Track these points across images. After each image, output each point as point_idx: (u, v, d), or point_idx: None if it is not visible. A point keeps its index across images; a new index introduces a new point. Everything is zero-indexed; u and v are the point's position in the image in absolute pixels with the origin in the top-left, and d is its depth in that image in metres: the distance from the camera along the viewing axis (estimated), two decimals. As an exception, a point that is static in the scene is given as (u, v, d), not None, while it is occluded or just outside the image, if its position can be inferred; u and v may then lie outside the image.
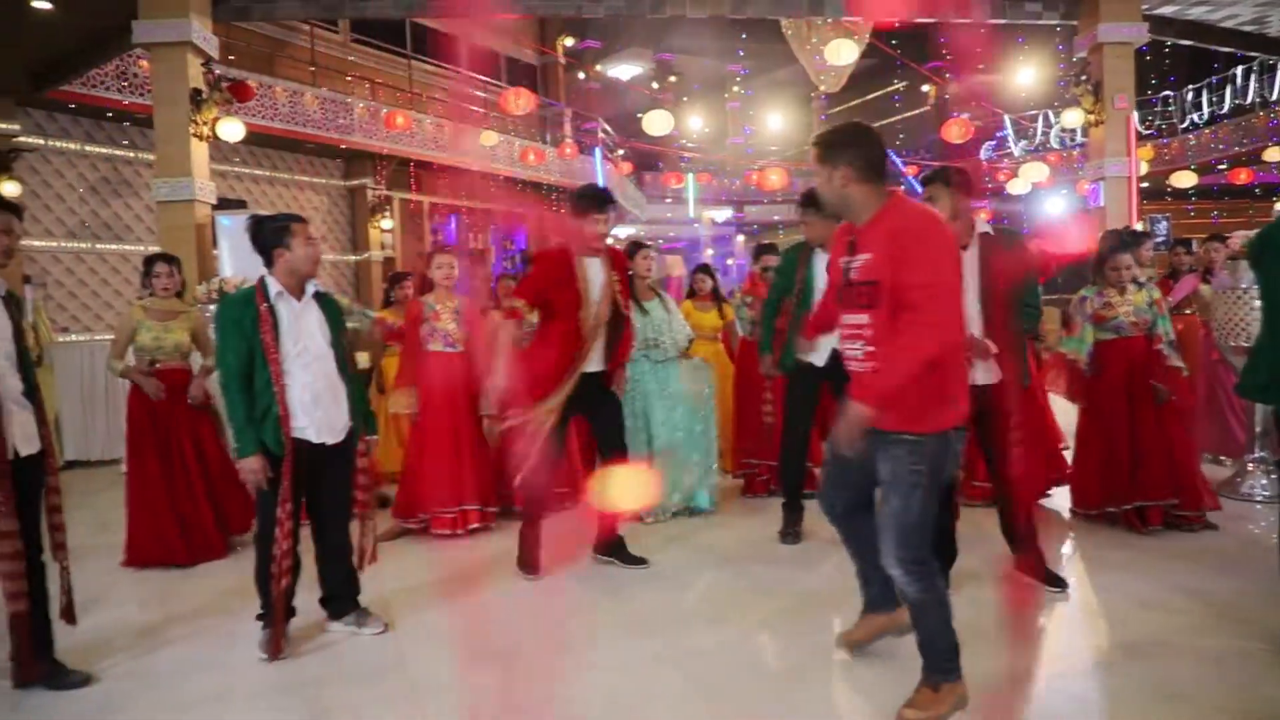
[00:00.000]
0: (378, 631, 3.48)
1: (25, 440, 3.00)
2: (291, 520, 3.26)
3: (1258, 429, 5.28)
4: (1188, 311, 5.97)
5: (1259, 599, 3.53)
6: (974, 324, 3.42)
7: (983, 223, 3.54)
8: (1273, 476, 5.19)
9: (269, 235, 3.35)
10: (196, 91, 7.02)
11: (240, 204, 13.01)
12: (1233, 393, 5.29)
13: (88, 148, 11.56)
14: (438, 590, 4.01)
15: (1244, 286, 5.18)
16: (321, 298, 3.47)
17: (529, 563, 4.12)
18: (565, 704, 2.87)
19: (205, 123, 7.11)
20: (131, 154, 12.07)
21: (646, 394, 5.09)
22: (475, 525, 4.88)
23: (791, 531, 4.56)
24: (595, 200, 4.05)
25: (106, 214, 11.85)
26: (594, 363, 4.11)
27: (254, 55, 13.73)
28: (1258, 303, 5.08)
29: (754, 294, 5.61)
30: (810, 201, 4.28)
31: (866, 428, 2.50)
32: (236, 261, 7.11)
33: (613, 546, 4.25)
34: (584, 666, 3.15)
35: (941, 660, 2.64)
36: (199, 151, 7.11)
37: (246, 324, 3.23)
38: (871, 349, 2.56)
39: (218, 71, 7.54)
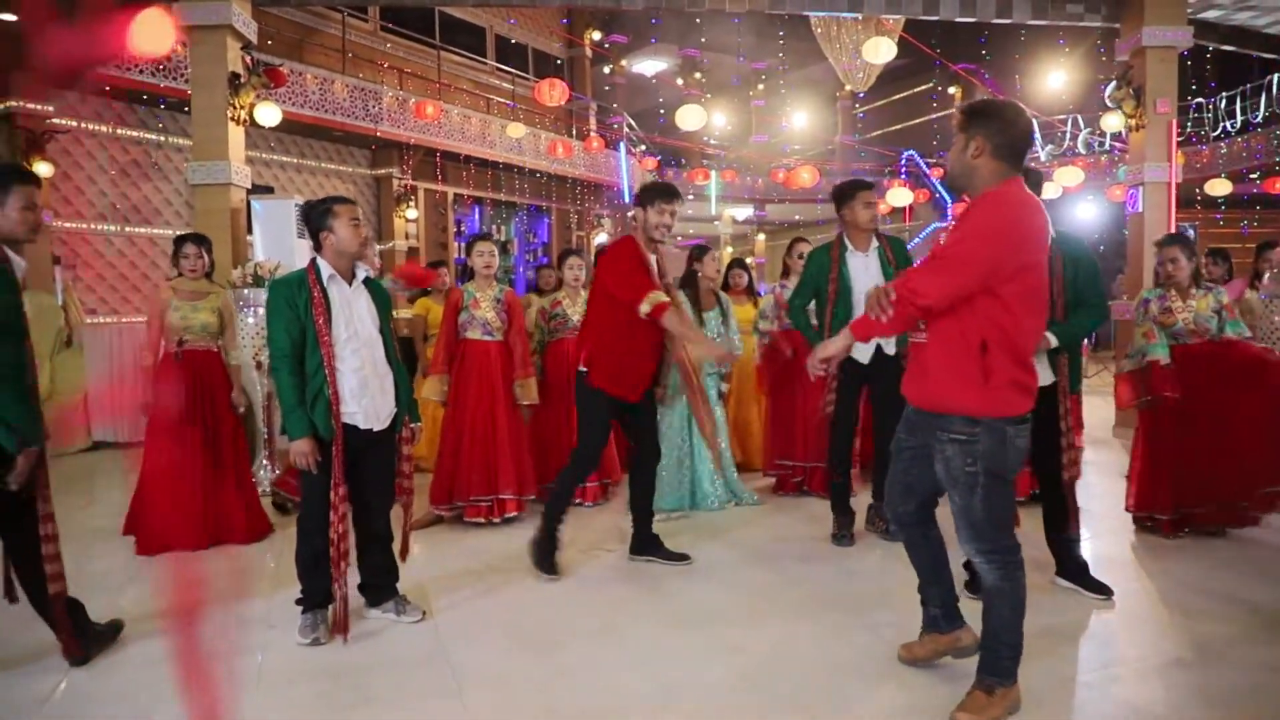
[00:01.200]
0: (415, 620, 3.47)
1: None
2: (345, 504, 3.26)
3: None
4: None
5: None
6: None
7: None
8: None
9: (314, 218, 3.35)
10: (235, 75, 7.03)
11: (268, 190, 13.06)
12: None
13: (120, 130, 11.61)
14: (474, 579, 4.00)
15: (1291, 296, 5.13)
16: (370, 283, 3.47)
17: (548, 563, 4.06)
18: (615, 694, 2.85)
19: (243, 107, 7.12)
20: (163, 138, 12.12)
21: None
22: (511, 514, 4.87)
23: (845, 534, 4.47)
24: (663, 191, 4.01)
25: (137, 197, 11.90)
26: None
27: (284, 41, 13.77)
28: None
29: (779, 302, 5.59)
30: (862, 185, 4.31)
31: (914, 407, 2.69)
32: (269, 246, 7.10)
33: (648, 545, 4.23)
34: (630, 657, 3.13)
35: (1001, 660, 2.61)
36: (236, 135, 7.11)
37: (299, 306, 3.22)
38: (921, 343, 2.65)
39: (248, 58, 7.54)
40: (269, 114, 7.85)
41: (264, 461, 6.03)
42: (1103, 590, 3.60)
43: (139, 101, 11.53)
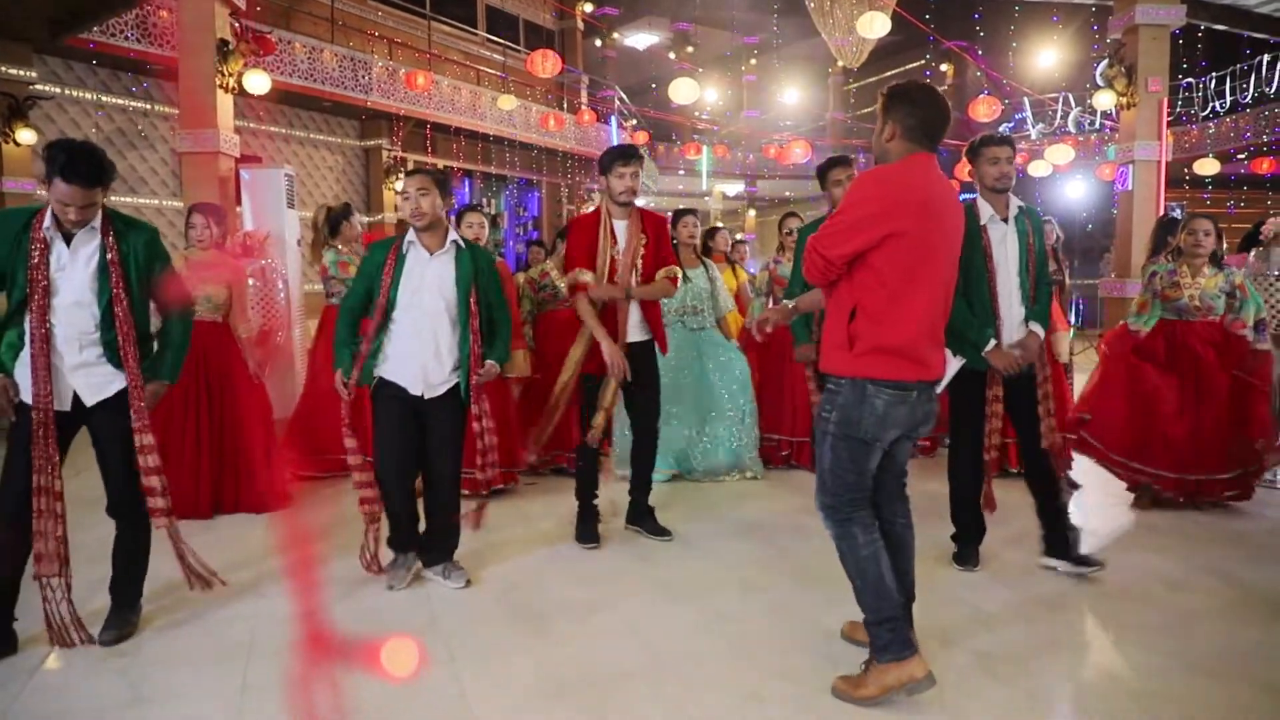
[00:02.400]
0: (459, 585, 3.55)
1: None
2: (359, 456, 3.50)
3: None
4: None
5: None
6: (1013, 299, 3.51)
7: (1015, 200, 3.59)
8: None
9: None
10: (223, 42, 6.94)
11: (255, 160, 12.92)
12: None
13: (104, 98, 11.46)
14: (465, 552, 4.02)
15: (1276, 273, 5.18)
16: (466, 253, 3.56)
17: (588, 533, 4.13)
18: (605, 664, 2.89)
19: (231, 74, 7.04)
20: (149, 105, 11.98)
21: (698, 357, 5.29)
22: (498, 487, 4.89)
23: None
24: (618, 154, 3.98)
25: (122, 166, 11.76)
26: (633, 332, 4.02)
27: (272, 9, 13.56)
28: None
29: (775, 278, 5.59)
30: (837, 163, 4.21)
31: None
32: (259, 215, 7.06)
33: (639, 516, 4.27)
34: (621, 627, 3.17)
35: (870, 631, 2.61)
36: (224, 103, 7.04)
37: (373, 267, 3.48)
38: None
39: (237, 25, 7.45)
40: (258, 81, 7.78)
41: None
42: (1090, 563, 3.62)
43: (125, 68, 11.37)
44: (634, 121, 21.25)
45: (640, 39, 24.77)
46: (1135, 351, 4.59)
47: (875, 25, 9.29)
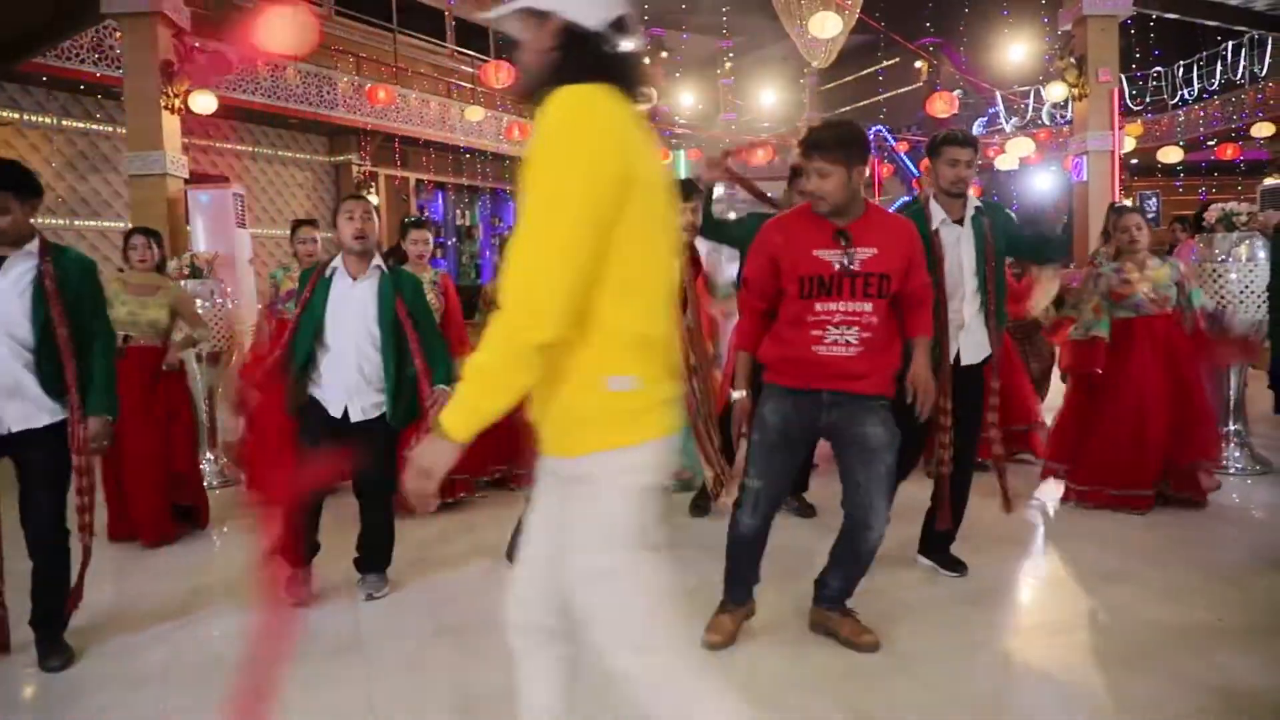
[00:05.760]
0: (380, 595, 3.57)
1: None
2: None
3: (1231, 402, 5.28)
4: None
5: (1225, 570, 3.55)
6: (969, 301, 3.33)
7: (974, 199, 3.42)
8: (1245, 450, 5.19)
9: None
10: (168, 63, 6.91)
11: (222, 180, 12.89)
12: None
13: (64, 122, 11.41)
14: (407, 566, 3.96)
15: (1220, 259, 5.18)
16: (389, 276, 3.54)
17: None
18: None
19: (177, 95, 7.01)
20: (109, 128, 11.92)
21: None
22: (450, 500, 4.84)
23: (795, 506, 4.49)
24: (678, 190, 3.88)
25: (84, 189, 11.72)
26: None
27: (232, 29, 13.52)
28: (1234, 275, 5.11)
29: None
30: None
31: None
32: (210, 237, 7.02)
33: None
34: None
35: None
36: (170, 124, 7.01)
37: (302, 288, 3.50)
38: (869, 335, 2.72)
39: (194, 44, 7.42)
40: (205, 102, 7.75)
41: (208, 454, 5.97)
42: (958, 567, 3.52)
43: (84, 92, 11.33)
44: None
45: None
46: (1124, 379, 4.38)
47: (827, 25, 9.32)
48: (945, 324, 3.26)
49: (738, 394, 3.07)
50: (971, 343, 3.35)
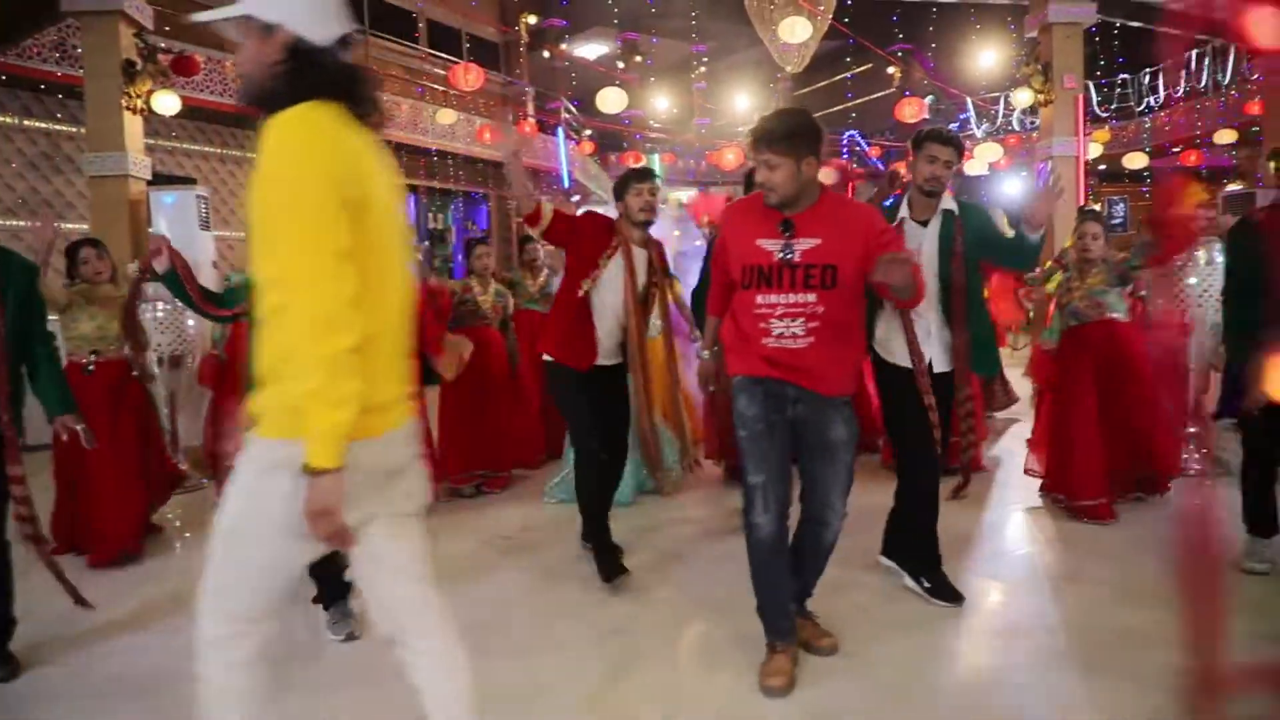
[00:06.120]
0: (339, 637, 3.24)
1: None
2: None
3: (1191, 403, 5.34)
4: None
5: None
6: (930, 306, 3.23)
7: (949, 200, 3.32)
8: (1203, 451, 5.25)
9: None
10: (129, 63, 6.81)
11: (189, 181, 12.70)
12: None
13: (26, 122, 11.19)
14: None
15: (1180, 263, 5.23)
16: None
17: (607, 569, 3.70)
18: (484, 687, 2.81)
19: (139, 95, 6.90)
20: (73, 129, 11.67)
21: None
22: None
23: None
24: (634, 174, 3.82)
25: (47, 190, 11.49)
26: (609, 355, 3.78)
27: (202, 30, 13.29)
28: (1193, 279, 5.17)
29: None
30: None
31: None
32: (175, 239, 6.91)
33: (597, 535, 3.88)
34: (511, 649, 3.10)
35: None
36: (132, 125, 6.90)
37: None
38: (818, 325, 2.66)
39: (161, 45, 7.31)
40: (168, 102, 7.64)
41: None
42: (952, 597, 3.39)
43: (47, 91, 11.13)
44: (589, 132, 21.21)
45: (589, 50, 24.77)
46: (1063, 381, 4.44)
47: (797, 30, 9.36)
48: (913, 326, 3.22)
49: (705, 354, 3.24)
50: (941, 349, 3.30)
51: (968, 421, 3.56)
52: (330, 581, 3.29)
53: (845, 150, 22.81)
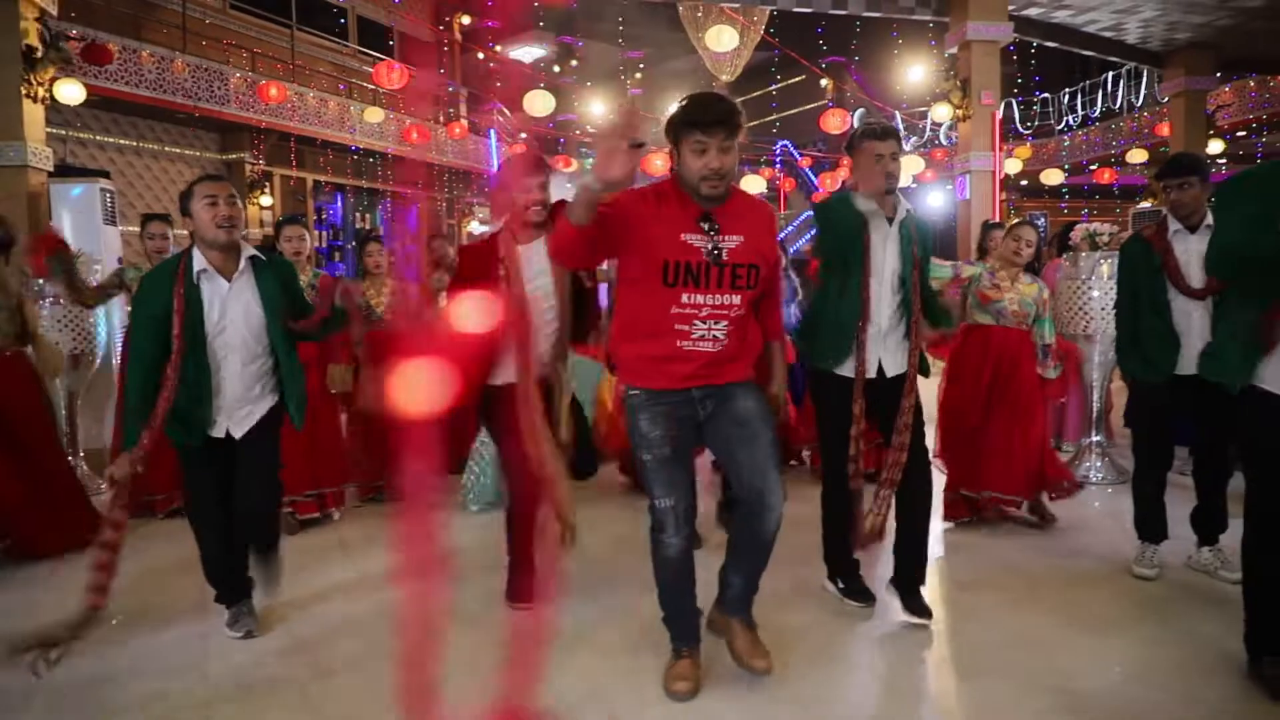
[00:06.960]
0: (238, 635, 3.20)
1: None
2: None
3: (1094, 414, 5.52)
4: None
5: (1076, 576, 3.69)
6: (886, 306, 3.13)
7: (905, 202, 3.20)
8: (1106, 459, 5.43)
9: (180, 203, 3.05)
10: (30, 49, 6.51)
11: (104, 174, 12.23)
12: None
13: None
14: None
15: (1083, 277, 5.41)
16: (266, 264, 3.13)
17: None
18: (377, 696, 2.74)
19: (41, 83, 6.60)
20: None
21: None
22: (311, 515, 4.66)
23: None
24: (524, 164, 3.43)
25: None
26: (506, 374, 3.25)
27: (117, 17, 12.88)
28: (1095, 293, 5.33)
29: None
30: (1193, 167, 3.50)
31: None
32: (78, 233, 6.63)
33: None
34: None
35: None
36: (33, 114, 6.59)
37: (154, 296, 2.95)
38: (734, 328, 2.58)
39: (73, 33, 7.01)
40: (71, 91, 7.32)
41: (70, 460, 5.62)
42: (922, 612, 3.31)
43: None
44: (524, 135, 21.06)
45: (525, 53, 24.63)
46: (960, 378, 4.41)
47: (723, 39, 9.45)
48: (866, 329, 3.08)
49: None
50: (893, 353, 3.17)
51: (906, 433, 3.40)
52: (232, 581, 3.26)
53: (778, 160, 23.10)
